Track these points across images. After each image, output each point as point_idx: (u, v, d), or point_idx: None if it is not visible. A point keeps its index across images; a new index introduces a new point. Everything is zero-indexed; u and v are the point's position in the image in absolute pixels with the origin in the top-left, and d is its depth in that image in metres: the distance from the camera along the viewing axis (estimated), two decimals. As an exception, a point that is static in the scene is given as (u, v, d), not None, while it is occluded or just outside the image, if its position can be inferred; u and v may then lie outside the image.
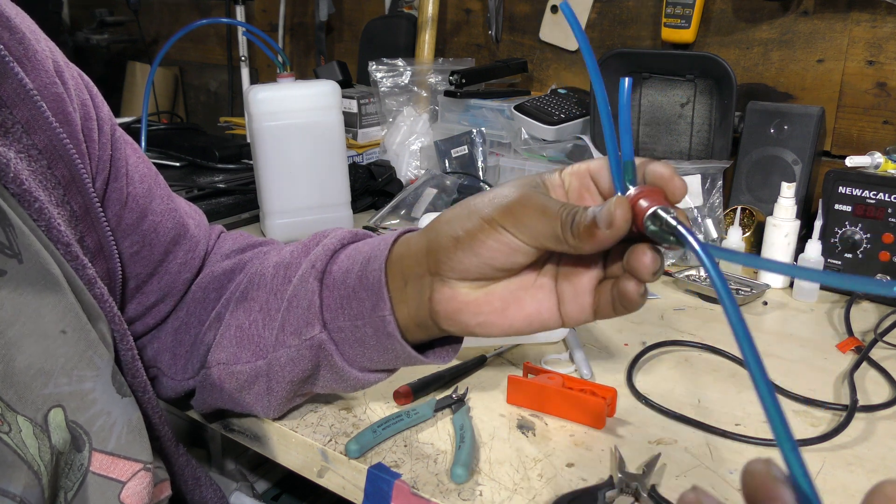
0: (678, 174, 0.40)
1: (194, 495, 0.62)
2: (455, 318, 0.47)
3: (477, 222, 0.44)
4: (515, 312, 0.46)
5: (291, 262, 0.58)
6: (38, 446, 0.41)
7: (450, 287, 0.46)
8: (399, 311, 0.50)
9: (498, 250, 0.43)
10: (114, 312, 0.51)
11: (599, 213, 0.39)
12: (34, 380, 0.42)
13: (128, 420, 0.48)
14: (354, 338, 0.52)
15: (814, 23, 1.14)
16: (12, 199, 0.46)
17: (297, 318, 0.55)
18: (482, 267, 0.44)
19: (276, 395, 0.59)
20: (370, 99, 1.42)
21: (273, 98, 1.05)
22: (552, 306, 0.46)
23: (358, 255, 0.53)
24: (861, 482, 0.59)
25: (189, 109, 2.27)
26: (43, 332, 0.43)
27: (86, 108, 0.55)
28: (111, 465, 0.47)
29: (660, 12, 1.22)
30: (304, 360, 0.55)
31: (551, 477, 0.59)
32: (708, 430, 0.65)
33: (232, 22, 1.73)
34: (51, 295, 0.44)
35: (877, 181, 0.93)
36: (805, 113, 1.06)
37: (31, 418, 0.42)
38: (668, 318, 0.89)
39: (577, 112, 1.26)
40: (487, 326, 0.47)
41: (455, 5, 1.56)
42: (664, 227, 0.38)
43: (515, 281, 0.46)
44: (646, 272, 0.40)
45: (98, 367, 0.47)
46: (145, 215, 0.61)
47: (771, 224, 0.98)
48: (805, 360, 0.79)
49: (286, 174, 1.08)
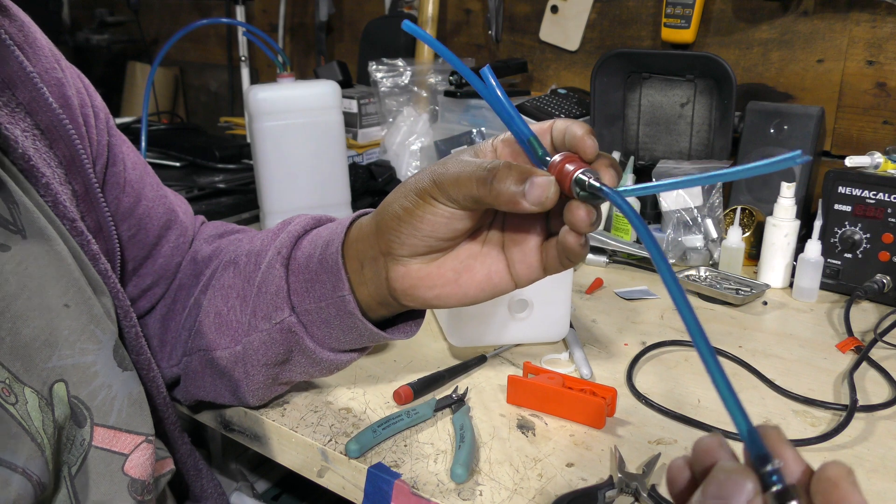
0: (591, 133, 0.42)
1: (196, 485, 0.63)
2: (412, 294, 0.49)
3: (412, 198, 0.46)
4: (468, 280, 0.48)
5: (261, 249, 0.60)
6: (43, 419, 0.42)
7: (402, 265, 0.48)
8: (359, 291, 0.52)
9: (435, 221, 0.45)
10: (117, 289, 0.53)
11: (531, 195, 0.41)
12: (39, 352, 0.43)
13: (128, 393, 0.49)
14: (320, 319, 0.54)
15: (814, 23, 1.14)
16: (19, 175, 0.48)
17: (266, 302, 0.57)
18: (427, 240, 0.46)
19: (253, 379, 0.61)
20: (370, 99, 1.42)
21: (273, 98, 1.05)
22: (502, 269, 0.48)
23: (318, 240, 0.55)
24: (861, 482, 0.59)
25: (189, 109, 2.27)
26: (47, 305, 0.44)
27: (82, 95, 0.57)
28: (113, 439, 0.48)
29: (660, 12, 1.22)
30: (276, 344, 0.57)
31: (551, 477, 0.59)
32: (708, 430, 0.65)
33: (232, 22, 1.73)
34: (54, 269, 0.45)
35: (876, 181, 0.93)
36: (805, 113, 1.06)
37: (38, 391, 0.42)
38: (668, 318, 0.89)
39: (577, 112, 1.26)
40: (444, 298, 0.49)
41: (455, 5, 1.56)
42: (588, 190, 0.40)
43: (464, 250, 0.48)
44: (583, 225, 0.42)
45: (100, 340, 0.48)
46: (139, 200, 0.63)
47: (771, 224, 0.98)
48: (805, 360, 0.79)
49: (286, 174, 1.08)
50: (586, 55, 1.40)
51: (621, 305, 0.94)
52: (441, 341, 0.81)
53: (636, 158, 1.18)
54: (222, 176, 1.34)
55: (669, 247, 1.07)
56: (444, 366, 0.74)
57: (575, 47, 1.41)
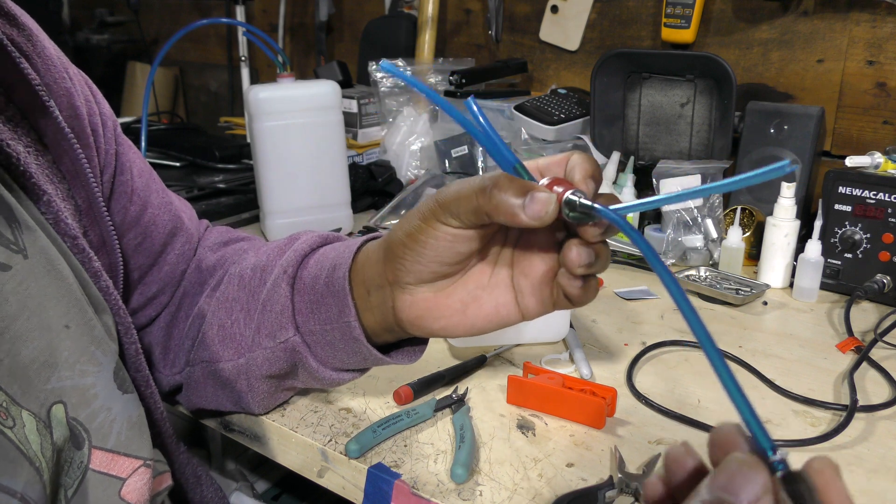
0: (595, 176, 0.42)
1: (195, 494, 0.62)
2: (419, 324, 0.49)
3: (416, 223, 0.45)
4: (475, 311, 0.48)
5: (267, 264, 0.60)
6: (41, 442, 0.41)
7: (409, 293, 0.48)
8: (365, 318, 0.52)
9: (437, 245, 0.45)
10: (119, 305, 0.52)
11: (530, 209, 0.40)
12: (38, 374, 0.43)
13: (128, 417, 0.49)
14: (325, 340, 0.54)
15: (814, 23, 1.14)
16: (21, 193, 0.47)
17: (271, 321, 0.57)
18: (431, 265, 0.46)
19: (256, 391, 0.61)
20: (370, 99, 1.42)
21: (273, 98, 1.05)
22: (510, 301, 0.48)
23: (325, 262, 0.54)
24: (861, 482, 0.59)
25: (189, 109, 2.27)
26: (47, 326, 0.44)
27: (90, 104, 0.57)
28: (111, 463, 0.47)
29: (660, 12, 1.22)
30: (280, 361, 0.57)
31: (551, 477, 0.59)
32: (708, 429, 0.65)
33: (232, 22, 1.73)
34: (55, 290, 0.45)
35: (877, 181, 0.93)
36: (805, 113, 1.06)
37: (36, 413, 0.42)
38: (668, 318, 0.89)
39: (577, 112, 1.26)
40: (450, 328, 0.48)
41: (455, 5, 1.56)
42: (580, 210, 0.40)
43: (472, 280, 0.48)
44: (574, 266, 0.41)
45: (100, 362, 0.47)
46: (146, 208, 0.62)
47: (771, 224, 0.98)
48: (805, 360, 0.79)
49: (286, 174, 1.08)
50: (586, 55, 1.40)
51: (621, 305, 0.94)
52: (441, 341, 0.81)
53: (636, 158, 1.18)
54: (222, 176, 1.34)
55: (669, 247, 1.07)
56: (444, 366, 0.74)
57: (575, 47, 1.41)
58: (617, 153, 1.17)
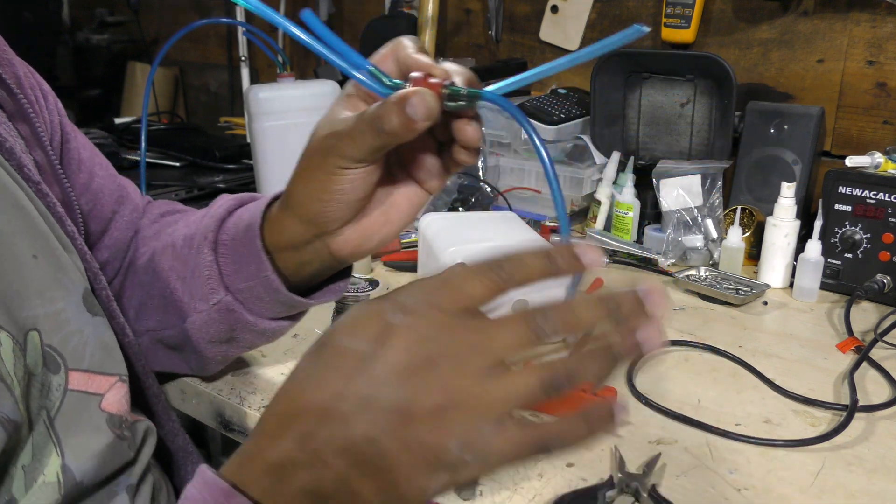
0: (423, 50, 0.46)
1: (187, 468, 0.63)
2: (358, 252, 0.54)
3: (321, 178, 0.49)
4: (396, 214, 0.53)
5: (195, 232, 0.63)
6: (14, 362, 0.43)
7: (339, 235, 0.52)
8: (304, 270, 0.56)
9: (354, 187, 0.49)
10: (84, 250, 0.55)
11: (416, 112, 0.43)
12: (13, 301, 0.44)
13: (99, 338, 0.51)
14: (254, 296, 0.58)
15: (814, 23, 1.14)
16: None
17: (201, 285, 0.60)
18: (353, 205, 0.50)
19: (202, 354, 0.64)
20: (370, 99, 1.42)
21: (273, 98, 1.05)
22: (416, 190, 0.53)
23: (241, 223, 0.58)
24: (861, 482, 0.59)
25: (189, 109, 2.27)
26: (15, 255, 0.46)
27: (29, 78, 0.60)
28: (88, 381, 0.49)
29: (660, 12, 1.22)
30: (217, 322, 0.60)
31: (551, 477, 0.59)
32: (708, 429, 0.65)
33: (232, 22, 1.73)
34: (21, 223, 0.47)
35: (877, 181, 0.93)
36: (805, 113, 1.06)
37: (14, 336, 0.43)
38: (669, 318, 0.89)
39: (577, 112, 1.25)
40: (385, 238, 0.53)
41: (455, 5, 1.56)
42: (458, 97, 0.43)
43: (381, 193, 0.52)
44: (475, 141, 0.46)
45: (69, 289, 0.49)
46: (93, 177, 0.66)
47: (771, 224, 0.98)
48: (805, 360, 0.79)
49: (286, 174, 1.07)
50: (586, 55, 1.40)
51: (621, 305, 0.93)
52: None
53: (636, 158, 1.18)
54: (222, 176, 1.34)
55: (669, 247, 1.07)
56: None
57: (575, 47, 1.41)
58: (617, 153, 1.17)
